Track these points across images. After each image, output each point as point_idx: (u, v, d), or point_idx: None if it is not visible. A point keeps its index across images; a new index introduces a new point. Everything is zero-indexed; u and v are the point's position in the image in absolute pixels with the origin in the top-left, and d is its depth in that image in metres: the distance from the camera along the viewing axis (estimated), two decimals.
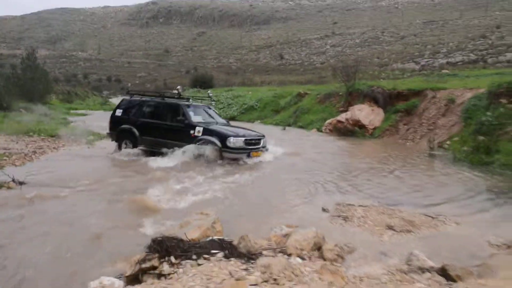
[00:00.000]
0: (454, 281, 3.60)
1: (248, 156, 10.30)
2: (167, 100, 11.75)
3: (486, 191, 7.69)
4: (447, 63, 42.22)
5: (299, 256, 4.35)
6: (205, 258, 4.00)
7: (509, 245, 4.82)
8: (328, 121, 18.88)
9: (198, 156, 10.02)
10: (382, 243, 5.11)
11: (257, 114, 26.97)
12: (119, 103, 12.72)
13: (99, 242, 5.19)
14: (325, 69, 54.58)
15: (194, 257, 4.02)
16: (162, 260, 3.97)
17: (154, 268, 3.90)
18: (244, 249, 4.32)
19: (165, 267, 3.88)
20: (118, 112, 12.23)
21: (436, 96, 15.45)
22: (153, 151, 11.05)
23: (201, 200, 7.07)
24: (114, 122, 12.19)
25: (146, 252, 4.04)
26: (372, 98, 18.00)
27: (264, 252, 4.31)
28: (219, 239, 4.52)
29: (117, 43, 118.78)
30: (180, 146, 10.31)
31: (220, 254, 4.09)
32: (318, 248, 4.69)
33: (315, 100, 22.74)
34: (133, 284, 3.72)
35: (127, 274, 3.91)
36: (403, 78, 30.27)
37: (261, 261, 3.95)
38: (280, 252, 4.39)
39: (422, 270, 3.91)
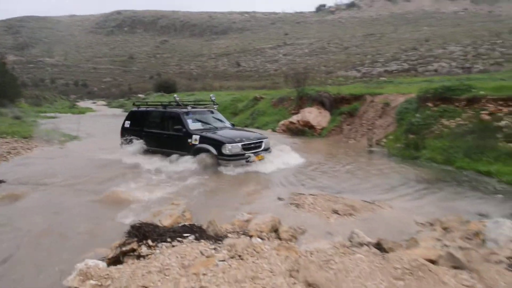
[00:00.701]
0: (387, 252, 3.99)
1: (248, 161, 9.06)
2: (168, 109, 10.83)
3: (415, 181, 8.24)
4: (384, 71, 43.79)
5: (259, 237, 4.64)
6: (178, 241, 4.21)
7: (431, 223, 5.34)
8: (281, 122, 19.26)
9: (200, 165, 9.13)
10: (328, 225, 5.50)
11: None
12: (127, 115, 11.98)
13: (79, 232, 5.31)
14: (278, 75, 55.13)
15: (168, 240, 4.22)
16: (140, 243, 4.14)
17: (134, 250, 4.07)
18: (212, 232, 4.56)
19: (144, 249, 4.06)
20: (127, 124, 11.57)
21: (374, 100, 16.06)
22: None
23: (171, 193, 7.29)
24: (124, 133, 11.49)
25: (126, 237, 4.21)
26: (319, 102, 18.52)
27: (229, 235, 4.57)
28: (190, 224, 4.74)
29: (84, 50, 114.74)
30: (181, 156, 9.55)
31: (192, 237, 4.31)
32: (275, 230, 5.01)
33: (270, 104, 23.08)
34: (115, 265, 3.89)
35: (109, 257, 4.07)
36: (346, 84, 31.15)
37: (227, 241, 4.22)
38: (243, 234, 4.67)
39: (361, 244, 4.30)
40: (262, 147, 9.66)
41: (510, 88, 11.32)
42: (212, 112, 11.25)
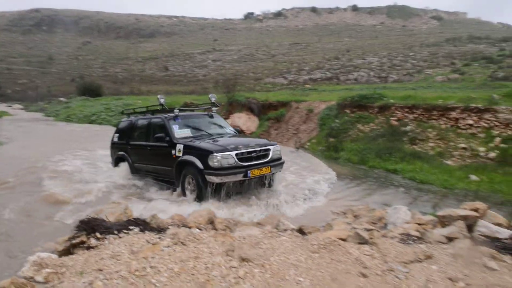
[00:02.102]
0: (307, 234, 4.77)
1: (245, 175, 6.64)
2: (155, 115, 8.65)
3: (336, 177, 9.29)
4: (309, 79, 46.06)
5: (197, 227, 5.20)
6: (124, 233, 4.61)
7: (344, 212, 6.28)
8: None
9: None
10: (258, 217, 6.22)
11: None
12: (117, 127, 10.14)
13: (24, 230, 5.50)
14: (207, 81, 55.64)
15: (115, 232, 4.61)
16: (89, 236, 4.47)
17: (83, 242, 4.41)
18: (155, 225, 5.03)
19: (93, 241, 4.42)
20: (115, 137, 9.75)
21: (299, 107, 17.18)
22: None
23: (108, 193, 7.66)
24: (113, 149, 9.81)
25: (75, 231, 4.55)
26: (248, 108, 19.37)
27: (170, 227, 5.07)
28: (134, 218, 5.16)
29: None
30: (166, 175, 7.65)
31: (137, 229, 4.74)
32: (211, 222, 5.61)
33: (201, 109, 23.55)
34: (66, 255, 4.24)
35: (59, 250, 4.39)
36: (274, 91, 32.46)
37: (170, 231, 4.73)
38: (182, 226, 5.20)
39: (286, 230, 5.05)
40: (270, 157, 7.14)
41: (414, 97, 12.96)
42: (211, 117, 8.87)
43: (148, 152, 8.27)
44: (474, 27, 77.57)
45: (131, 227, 4.83)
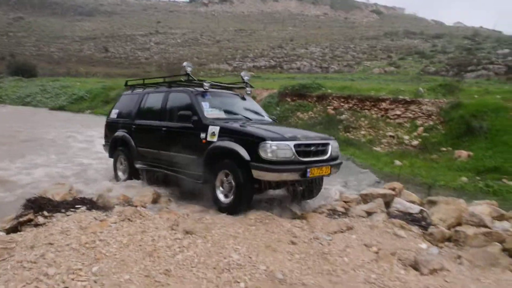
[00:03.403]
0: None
1: (304, 175, 5.07)
2: (174, 89, 6.85)
3: None
4: (254, 66, 46.52)
5: (143, 206, 5.53)
6: (72, 211, 4.81)
7: None
8: None
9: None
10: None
11: (87, 104, 26.11)
12: (117, 101, 8.46)
13: None
14: (149, 64, 54.38)
15: (63, 210, 4.81)
16: (36, 214, 4.63)
17: (31, 220, 4.56)
18: (102, 204, 5.27)
19: (40, 219, 4.58)
20: (114, 113, 8.04)
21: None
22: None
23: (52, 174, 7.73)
24: (109, 128, 8.08)
25: (22, 209, 4.69)
26: None
27: (116, 206, 5.34)
28: (81, 197, 5.37)
29: None
30: (187, 165, 5.96)
31: (84, 208, 4.95)
32: (155, 202, 5.96)
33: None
34: (14, 232, 4.39)
35: (6, 228, 4.52)
36: (218, 77, 32.63)
37: (116, 209, 5.01)
38: (128, 205, 5.49)
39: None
40: (329, 154, 5.61)
41: (350, 88, 13.87)
42: (243, 99, 7.14)
43: (162, 134, 6.48)
44: (410, 23, 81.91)
45: (78, 206, 5.05)
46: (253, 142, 5.06)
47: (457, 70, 26.42)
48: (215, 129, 5.59)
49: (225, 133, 5.49)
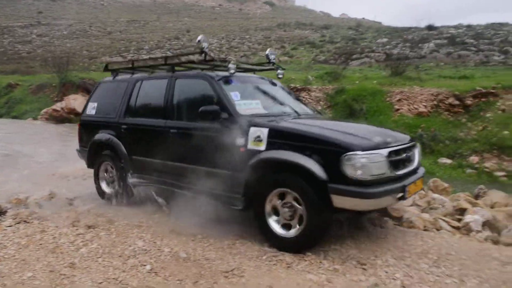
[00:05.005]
0: None
1: (403, 197, 3.76)
2: (181, 73, 5.17)
3: None
4: (150, 58, 45.38)
5: (39, 207, 5.42)
6: None
7: None
8: (44, 110, 18.59)
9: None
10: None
11: None
12: (92, 92, 6.63)
13: None
14: (33, 59, 50.03)
15: None
16: None
17: None
18: None
19: None
20: (91, 108, 6.27)
21: None
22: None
23: None
24: (85, 129, 6.35)
25: None
26: (84, 89, 18.71)
27: (9, 210, 5.17)
28: None
29: None
30: (215, 183, 4.30)
31: None
32: (52, 197, 5.86)
33: (28, 91, 21.68)
34: None
35: None
36: None
37: (10, 213, 4.90)
38: (23, 207, 5.34)
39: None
40: (416, 161, 4.31)
41: None
42: (273, 84, 5.55)
43: (170, 139, 4.81)
44: (300, 14, 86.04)
45: None
46: (331, 152, 3.55)
47: (344, 59, 28.64)
48: (261, 132, 3.96)
49: (279, 137, 3.89)
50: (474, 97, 12.23)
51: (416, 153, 4.32)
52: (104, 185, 5.92)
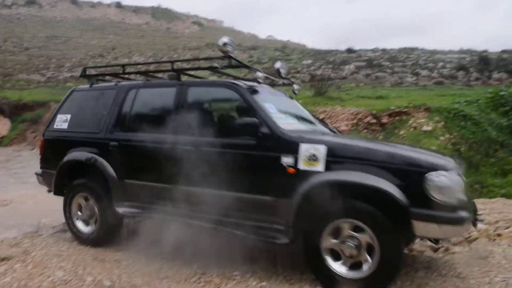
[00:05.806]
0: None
1: (475, 224, 3.47)
2: (194, 81, 4.62)
3: None
4: (71, 76, 43.38)
5: None
6: None
7: None
8: None
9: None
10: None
11: None
12: (62, 102, 5.27)
13: None
14: None
15: None
16: None
17: None
18: None
19: None
20: (61, 121, 5.07)
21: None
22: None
23: None
24: (52, 146, 5.19)
25: None
26: None
27: None
28: None
29: None
30: (250, 213, 3.70)
31: None
32: None
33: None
34: None
35: None
36: (29, 89, 29.64)
37: None
38: None
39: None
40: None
41: None
42: (290, 98, 5.22)
43: (183, 158, 3.84)
44: (229, 35, 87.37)
45: None
46: (412, 172, 3.09)
47: (271, 79, 29.49)
48: (317, 149, 3.36)
49: (340, 156, 3.35)
50: (390, 116, 13.24)
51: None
52: (79, 223, 4.85)
